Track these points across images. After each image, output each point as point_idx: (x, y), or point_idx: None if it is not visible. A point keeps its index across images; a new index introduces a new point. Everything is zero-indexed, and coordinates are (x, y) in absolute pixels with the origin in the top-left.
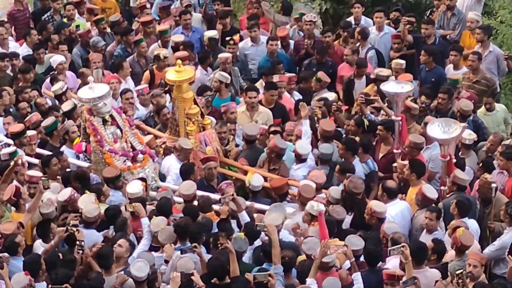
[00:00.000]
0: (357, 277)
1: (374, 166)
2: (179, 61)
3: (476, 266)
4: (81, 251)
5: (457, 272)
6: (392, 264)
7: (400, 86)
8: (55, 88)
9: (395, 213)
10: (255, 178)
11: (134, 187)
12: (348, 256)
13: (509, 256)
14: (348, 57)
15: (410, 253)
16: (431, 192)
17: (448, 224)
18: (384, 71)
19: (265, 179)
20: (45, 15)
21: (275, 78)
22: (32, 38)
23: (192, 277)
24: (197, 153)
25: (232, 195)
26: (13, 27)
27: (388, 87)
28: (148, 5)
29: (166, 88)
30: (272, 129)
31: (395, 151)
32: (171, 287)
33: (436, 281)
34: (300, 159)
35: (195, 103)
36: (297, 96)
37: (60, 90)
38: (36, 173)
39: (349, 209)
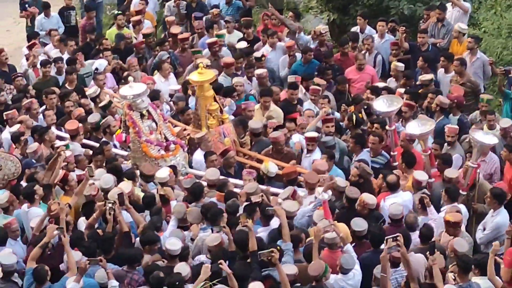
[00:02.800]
0: (348, 247)
1: (388, 157)
2: (201, 64)
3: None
4: (112, 211)
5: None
6: None
7: (388, 104)
8: (89, 92)
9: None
10: (271, 166)
11: (162, 173)
12: (337, 232)
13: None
14: (361, 63)
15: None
16: (421, 176)
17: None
18: (427, 76)
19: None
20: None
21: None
22: (69, 47)
23: (221, 266)
24: (217, 144)
25: (261, 195)
26: (82, 37)
27: (378, 106)
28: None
29: None
30: (276, 125)
31: (392, 153)
32: (202, 276)
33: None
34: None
35: (215, 100)
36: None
37: (94, 94)
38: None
39: (361, 191)
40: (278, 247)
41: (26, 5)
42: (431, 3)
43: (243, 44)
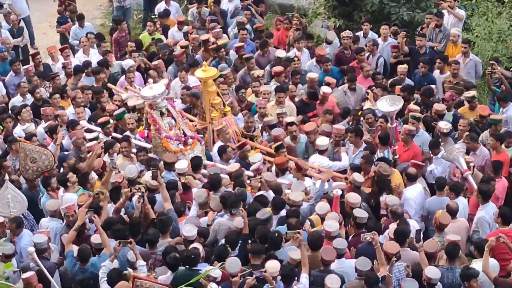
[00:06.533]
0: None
1: (389, 156)
2: (205, 62)
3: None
4: (142, 200)
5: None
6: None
7: (390, 104)
8: (124, 97)
9: (416, 193)
10: (254, 156)
11: (182, 164)
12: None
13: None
14: (367, 70)
15: (394, 235)
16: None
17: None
18: (471, 92)
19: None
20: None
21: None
22: (101, 48)
23: (264, 274)
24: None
25: (260, 179)
26: (115, 49)
27: (381, 105)
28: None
29: None
30: (289, 121)
31: (393, 147)
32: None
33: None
34: (319, 150)
35: (218, 95)
36: None
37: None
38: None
39: (381, 190)
40: (277, 233)
41: (62, 20)
42: (428, 9)
43: (282, 53)
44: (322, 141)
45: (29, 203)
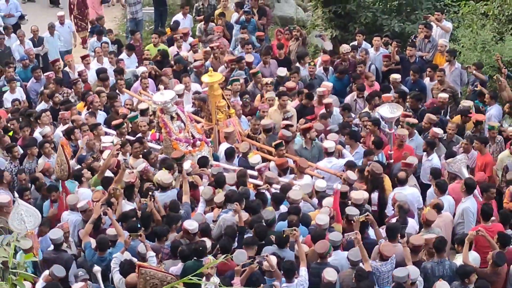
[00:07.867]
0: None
1: (383, 159)
2: (210, 68)
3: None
4: (152, 199)
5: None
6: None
7: (391, 110)
8: (141, 106)
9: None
10: (254, 157)
11: (186, 165)
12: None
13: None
14: (372, 81)
15: (386, 232)
16: (412, 159)
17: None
18: (468, 102)
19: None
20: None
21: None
22: (112, 59)
23: (266, 257)
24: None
25: (267, 187)
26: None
27: (383, 111)
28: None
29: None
30: (287, 123)
31: (389, 152)
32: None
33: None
34: (327, 153)
35: (223, 98)
36: None
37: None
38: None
39: (374, 188)
40: (284, 234)
41: (94, 30)
42: (418, 22)
43: (283, 71)
44: (330, 144)
45: (42, 212)
